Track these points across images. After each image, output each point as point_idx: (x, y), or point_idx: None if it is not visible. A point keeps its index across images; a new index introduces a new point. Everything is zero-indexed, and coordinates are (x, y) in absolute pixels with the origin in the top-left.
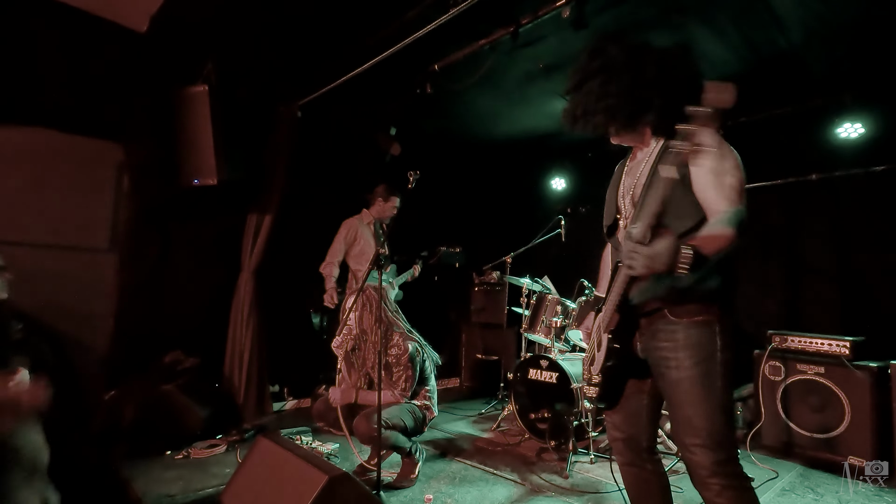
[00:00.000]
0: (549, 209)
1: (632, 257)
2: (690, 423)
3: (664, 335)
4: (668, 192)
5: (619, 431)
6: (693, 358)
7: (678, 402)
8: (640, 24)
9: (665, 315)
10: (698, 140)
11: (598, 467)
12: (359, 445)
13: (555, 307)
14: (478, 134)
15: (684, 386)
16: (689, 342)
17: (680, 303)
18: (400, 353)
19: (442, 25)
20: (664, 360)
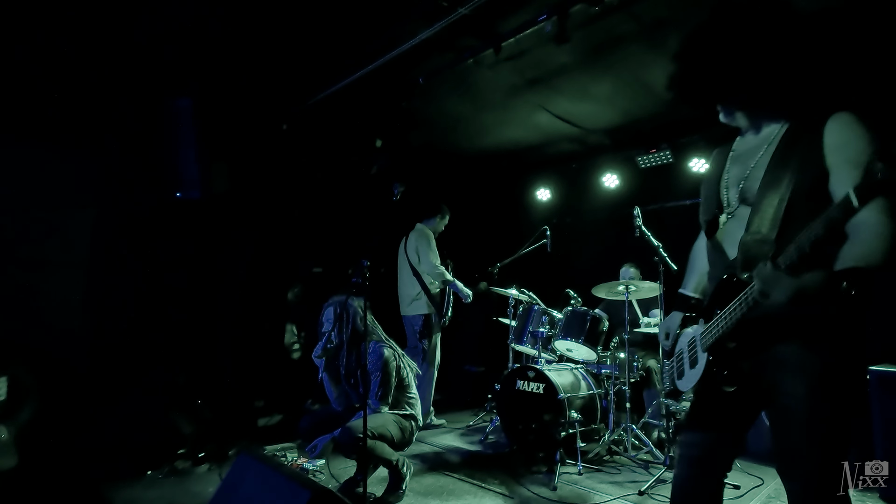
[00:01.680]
0: (535, 220)
1: (770, 285)
2: (794, 452)
3: (776, 359)
4: (799, 192)
5: (695, 450)
6: (808, 386)
7: (785, 429)
8: (620, 38)
9: (783, 339)
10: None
11: (585, 478)
12: (344, 462)
13: (541, 317)
14: (463, 146)
15: (795, 416)
16: (804, 368)
17: (804, 330)
18: (375, 359)
19: (426, 39)
20: (775, 388)
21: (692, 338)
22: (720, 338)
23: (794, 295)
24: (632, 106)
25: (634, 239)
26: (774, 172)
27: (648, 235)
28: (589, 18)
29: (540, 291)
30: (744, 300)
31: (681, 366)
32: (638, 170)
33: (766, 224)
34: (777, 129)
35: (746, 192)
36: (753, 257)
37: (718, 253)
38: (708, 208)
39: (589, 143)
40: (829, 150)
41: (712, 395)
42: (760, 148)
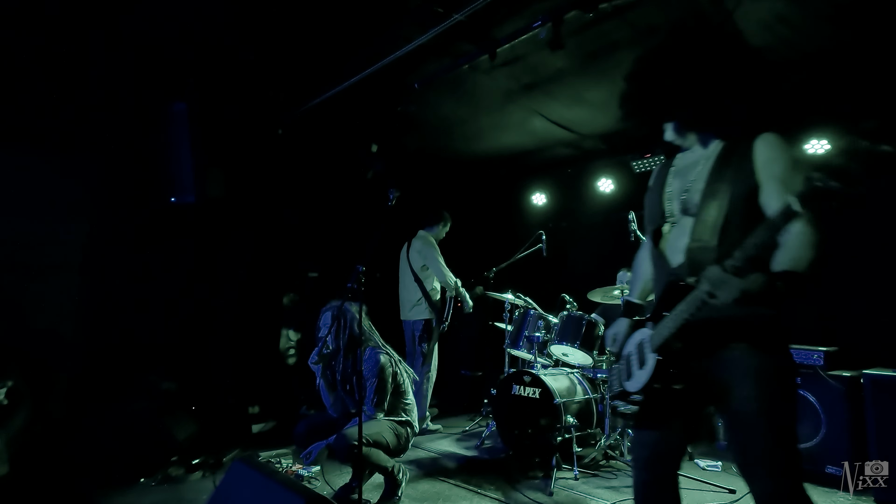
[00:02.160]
0: (531, 224)
1: (719, 287)
2: (754, 451)
3: (722, 359)
4: (735, 203)
5: (647, 450)
6: (757, 388)
7: (741, 431)
8: (614, 44)
9: (720, 342)
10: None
11: (581, 483)
12: (340, 468)
13: (536, 322)
14: (459, 150)
15: (747, 418)
16: (751, 371)
17: (735, 323)
18: (371, 365)
19: (422, 45)
20: (723, 387)
21: (640, 340)
22: (669, 338)
23: (740, 295)
24: None
25: (630, 243)
26: (713, 185)
27: (644, 240)
28: (583, 25)
29: (536, 296)
30: (691, 302)
31: (629, 368)
32: (633, 174)
33: (707, 232)
34: (714, 146)
35: (687, 203)
36: (698, 262)
37: (663, 259)
38: (652, 219)
39: (584, 147)
40: (758, 166)
41: (661, 394)
42: (699, 163)
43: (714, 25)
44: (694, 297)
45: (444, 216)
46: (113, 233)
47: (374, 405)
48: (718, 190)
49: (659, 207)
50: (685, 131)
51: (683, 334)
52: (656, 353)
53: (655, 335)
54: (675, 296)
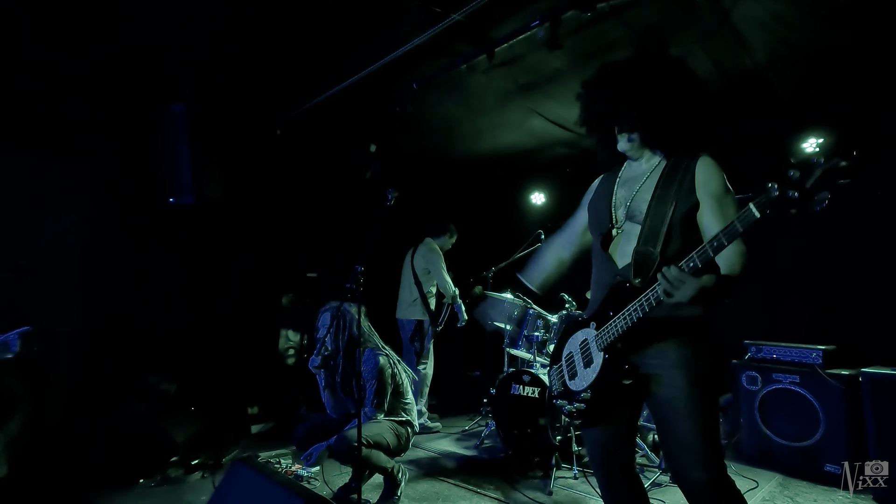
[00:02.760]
0: (530, 224)
1: (676, 286)
2: (686, 441)
3: (656, 353)
4: (677, 216)
5: (600, 448)
6: (686, 377)
7: (672, 420)
8: (611, 44)
9: (656, 337)
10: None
11: (581, 482)
12: (339, 468)
13: (536, 321)
14: (458, 150)
15: (678, 405)
16: (682, 361)
17: (671, 322)
18: (371, 367)
19: (419, 45)
20: (656, 378)
21: (584, 340)
22: (618, 337)
23: (697, 294)
24: None
25: None
26: (659, 197)
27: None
28: (581, 24)
29: (535, 295)
30: (644, 301)
31: (572, 367)
32: None
33: (652, 239)
34: (657, 161)
35: (633, 211)
36: (642, 266)
37: (610, 262)
38: (600, 223)
39: (583, 147)
40: (698, 184)
41: (609, 390)
42: (644, 175)
43: (673, 55)
44: (648, 296)
45: (451, 228)
46: (111, 234)
47: (373, 406)
48: (664, 202)
49: (607, 213)
50: (644, 146)
51: (631, 333)
52: (604, 352)
53: (603, 334)
54: (622, 296)
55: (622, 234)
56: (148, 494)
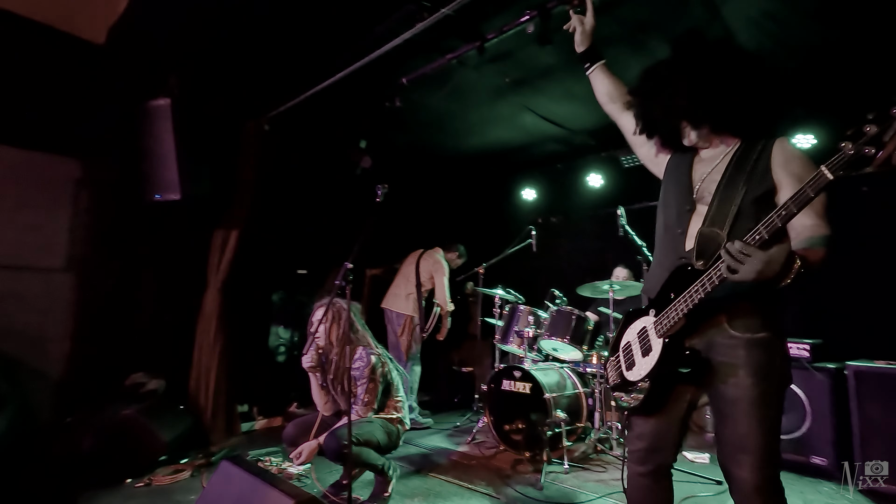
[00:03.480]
0: (521, 220)
1: (741, 260)
2: (744, 440)
3: (724, 349)
4: (748, 199)
5: (645, 441)
6: (754, 377)
7: (734, 419)
8: (602, 39)
9: (726, 328)
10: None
11: (572, 477)
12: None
13: (527, 317)
14: (449, 146)
15: (742, 406)
16: (751, 361)
17: (742, 316)
18: (363, 366)
19: (409, 40)
20: (722, 372)
21: (642, 328)
22: (677, 321)
23: (764, 266)
24: None
25: (619, 238)
26: (730, 179)
27: (632, 235)
28: None
29: (526, 291)
30: (707, 281)
31: (629, 357)
32: (622, 169)
33: (720, 221)
34: (732, 145)
35: (703, 192)
36: (706, 248)
37: (676, 242)
38: (674, 202)
39: (574, 143)
40: (775, 165)
41: (667, 380)
42: (717, 158)
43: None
44: (710, 275)
45: (463, 252)
46: (97, 230)
47: (364, 405)
48: (733, 184)
49: (682, 192)
50: (713, 134)
51: (692, 317)
52: (663, 338)
53: (663, 319)
54: (683, 279)
55: (692, 214)
56: (135, 494)
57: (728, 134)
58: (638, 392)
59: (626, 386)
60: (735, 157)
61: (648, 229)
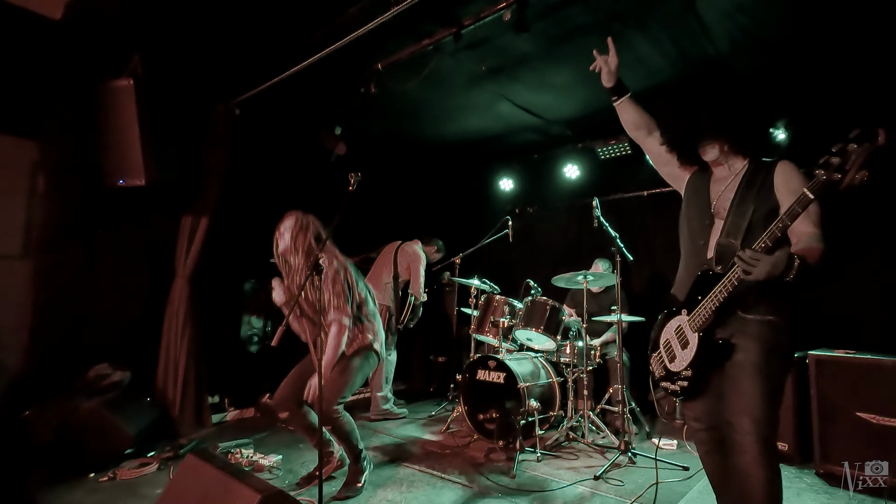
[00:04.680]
0: (498, 209)
1: (753, 264)
2: (745, 398)
3: (740, 329)
4: (758, 214)
5: (701, 422)
6: (760, 346)
7: (738, 379)
8: (579, 29)
9: (741, 315)
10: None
11: (544, 465)
12: (303, 457)
13: (502, 307)
14: (425, 134)
15: (746, 368)
16: (760, 335)
17: (754, 305)
18: (330, 274)
19: (384, 24)
20: (733, 346)
21: (678, 325)
22: (709, 316)
23: (771, 268)
24: (591, 97)
25: (594, 230)
26: (742, 197)
27: (606, 226)
28: (548, 7)
29: (502, 281)
30: (728, 282)
31: (670, 352)
32: (598, 160)
33: (734, 233)
34: (740, 165)
35: (718, 208)
36: (724, 255)
37: (701, 252)
38: (701, 220)
39: (551, 133)
40: (778, 185)
41: (707, 366)
42: (729, 178)
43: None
44: (730, 278)
45: (441, 246)
46: (57, 217)
47: (336, 309)
48: (745, 201)
49: (707, 207)
50: (728, 153)
51: (719, 313)
52: (698, 332)
53: (695, 317)
54: (707, 282)
55: (712, 228)
56: (99, 489)
57: (738, 154)
58: (682, 380)
59: (671, 376)
60: (745, 178)
61: (623, 221)
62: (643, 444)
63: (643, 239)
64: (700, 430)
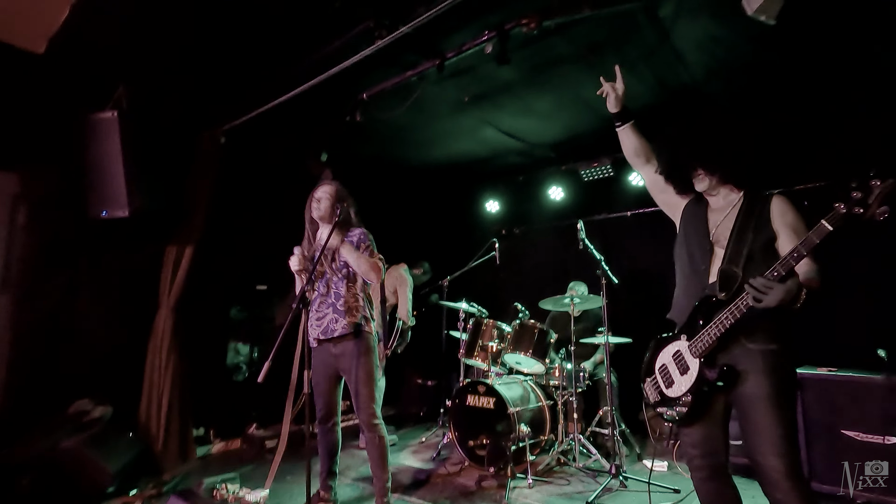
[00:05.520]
0: (485, 231)
1: (765, 292)
2: (766, 431)
3: (745, 359)
4: (756, 244)
5: (698, 448)
6: (769, 378)
7: (755, 416)
8: (560, 58)
9: (744, 343)
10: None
11: (535, 492)
12: (291, 492)
13: (491, 331)
14: (412, 159)
15: (761, 402)
16: (766, 366)
17: (757, 333)
18: (359, 232)
19: (369, 56)
20: (744, 379)
21: (676, 351)
22: (712, 342)
23: (784, 295)
24: (573, 122)
25: (579, 252)
26: (741, 226)
27: (591, 249)
28: (529, 39)
29: (490, 304)
30: (735, 309)
31: (667, 377)
32: (582, 182)
33: (736, 260)
34: (735, 196)
35: (718, 237)
36: (727, 282)
37: (702, 278)
38: (700, 244)
39: (535, 156)
40: (774, 218)
41: (707, 392)
42: (727, 208)
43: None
44: (738, 304)
45: (427, 269)
46: (39, 249)
47: (366, 249)
48: (744, 231)
49: (706, 235)
50: (721, 184)
51: (722, 339)
52: (699, 358)
53: (697, 342)
54: (710, 308)
55: (712, 255)
56: None
57: (732, 185)
58: (681, 406)
59: (669, 402)
60: (742, 209)
61: (607, 241)
62: (634, 467)
63: (628, 258)
64: (696, 456)
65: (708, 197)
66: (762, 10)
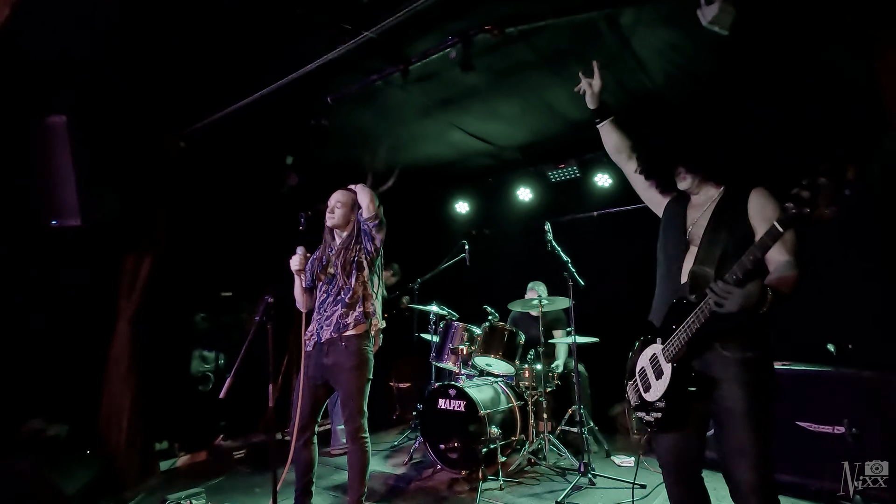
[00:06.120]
0: (455, 232)
1: (725, 297)
2: (741, 444)
3: (720, 368)
4: (731, 241)
5: (672, 454)
6: (746, 390)
7: (731, 427)
8: (523, 64)
9: (719, 350)
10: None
11: (507, 493)
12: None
13: (461, 334)
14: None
15: (738, 415)
16: (742, 377)
17: (731, 339)
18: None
19: (333, 60)
20: (719, 387)
21: (653, 354)
22: (682, 347)
23: (743, 301)
24: (539, 125)
25: (546, 253)
26: (716, 224)
27: (558, 251)
28: (492, 45)
29: (460, 306)
30: (700, 313)
31: (645, 381)
32: (549, 184)
33: (708, 261)
34: (714, 193)
35: (693, 235)
36: (698, 284)
37: (675, 280)
38: (672, 244)
39: (503, 158)
40: (752, 213)
41: (680, 398)
42: (704, 205)
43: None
44: (702, 309)
45: (396, 270)
46: None
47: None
48: (718, 229)
49: (682, 233)
50: (702, 183)
51: (692, 344)
52: (671, 362)
53: (669, 346)
54: (681, 311)
55: (686, 254)
56: None
57: (713, 183)
58: (655, 411)
59: (646, 406)
60: (718, 205)
61: (575, 243)
62: (600, 463)
63: (595, 257)
64: (669, 462)
65: (691, 194)
66: (716, 20)
